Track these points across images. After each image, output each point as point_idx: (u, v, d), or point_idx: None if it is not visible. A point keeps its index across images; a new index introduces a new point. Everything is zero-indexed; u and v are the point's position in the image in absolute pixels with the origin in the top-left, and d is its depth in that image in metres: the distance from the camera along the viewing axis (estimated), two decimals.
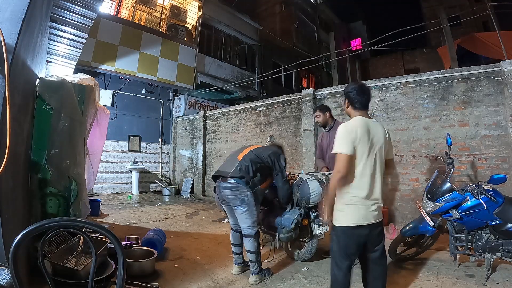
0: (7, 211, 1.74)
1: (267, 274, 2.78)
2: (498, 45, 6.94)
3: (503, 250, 2.51)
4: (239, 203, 2.62)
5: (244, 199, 2.61)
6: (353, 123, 1.87)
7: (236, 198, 2.63)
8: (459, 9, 13.90)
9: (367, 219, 1.81)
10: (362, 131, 1.82)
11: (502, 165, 3.99)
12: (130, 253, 2.93)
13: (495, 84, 4.13)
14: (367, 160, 1.81)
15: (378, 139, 1.87)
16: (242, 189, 2.62)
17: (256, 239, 2.69)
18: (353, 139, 1.79)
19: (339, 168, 1.77)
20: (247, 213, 2.64)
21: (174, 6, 9.67)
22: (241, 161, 2.71)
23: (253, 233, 2.67)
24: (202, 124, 8.69)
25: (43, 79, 2.95)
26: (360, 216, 1.80)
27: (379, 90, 5.03)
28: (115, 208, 6.38)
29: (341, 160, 1.77)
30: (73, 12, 3.50)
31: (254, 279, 2.66)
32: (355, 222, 1.80)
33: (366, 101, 1.96)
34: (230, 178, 2.66)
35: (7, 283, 1.39)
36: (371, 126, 1.89)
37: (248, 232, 2.67)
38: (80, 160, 3.17)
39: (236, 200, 2.63)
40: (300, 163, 6.02)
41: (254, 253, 2.66)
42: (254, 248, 2.67)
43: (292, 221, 2.86)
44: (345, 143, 1.79)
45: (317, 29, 18.23)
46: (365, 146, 1.81)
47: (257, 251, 2.68)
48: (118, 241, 1.09)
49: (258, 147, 2.95)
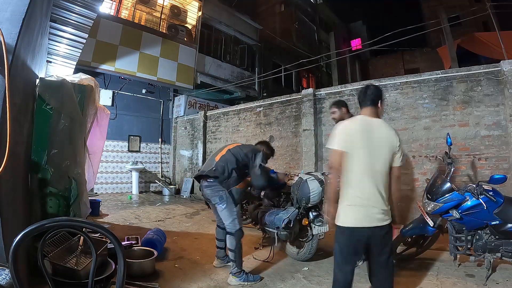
0: (7, 211, 1.74)
1: (251, 279, 2.63)
2: (498, 45, 6.94)
3: (503, 250, 2.51)
4: (218, 200, 2.69)
5: (222, 196, 2.67)
6: (348, 121, 1.91)
7: (215, 195, 2.70)
8: (459, 9, 13.88)
9: (368, 221, 1.77)
10: (356, 128, 1.84)
11: (502, 165, 3.99)
12: (130, 253, 2.93)
13: (495, 84, 4.13)
14: (365, 159, 1.79)
15: (381, 139, 1.83)
16: (218, 187, 2.70)
17: (236, 237, 2.66)
18: (345, 136, 1.83)
19: (330, 163, 1.88)
20: (226, 210, 2.68)
21: (174, 6, 9.67)
22: (217, 161, 2.78)
23: (234, 230, 2.67)
24: (202, 124, 8.69)
25: (43, 79, 2.95)
26: (359, 218, 1.77)
27: None
28: (115, 208, 6.38)
29: (332, 155, 1.86)
30: (73, 12, 3.50)
31: (232, 281, 2.61)
32: (354, 223, 1.78)
33: (367, 98, 1.92)
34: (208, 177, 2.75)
35: (7, 283, 1.39)
36: (374, 125, 1.85)
37: (229, 230, 2.69)
38: (80, 160, 3.17)
39: (215, 198, 2.70)
40: (300, 163, 6.02)
41: (233, 251, 2.65)
42: (233, 246, 2.65)
43: (282, 220, 2.91)
44: (336, 139, 1.85)
45: (317, 29, 18.24)
46: (361, 144, 1.79)
47: (236, 250, 2.65)
48: (118, 241, 1.09)
49: (237, 145, 2.97)
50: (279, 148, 6.46)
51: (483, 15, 8.08)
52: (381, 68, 19.91)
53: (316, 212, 3.05)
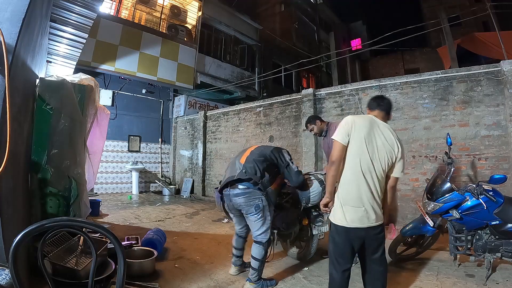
0: (7, 211, 1.74)
1: (269, 284, 2.55)
2: (498, 45, 6.94)
3: (503, 250, 2.52)
4: (254, 210, 2.46)
5: (259, 205, 2.45)
6: (355, 116, 1.92)
7: (250, 205, 2.46)
8: (459, 9, 13.90)
9: (362, 222, 1.79)
10: (360, 124, 1.84)
11: (502, 165, 3.99)
12: (130, 253, 2.93)
13: (495, 84, 4.13)
14: (365, 156, 1.80)
15: (384, 143, 1.84)
16: (255, 193, 2.46)
17: (265, 247, 2.51)
18: (348, 129, 1.84)
19: (332, 155, 1.86)
20: (261, 220, 2.48)
21: (174, 6, 9.67)
22: (244, 163, 2.55)
23: (265, 240, 2.50)
24: (202, 124, 8.69)
25: (43, 79, 2.94)
26: (354, 219, 1.79)
27: (379, 90, 5.03)
28: (115, 208, 6.38)
29: (335, 148, 1.85)
30: (73, 12, 3.50)
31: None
32: (349, 224, 1.80)
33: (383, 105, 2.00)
34: (239, 183, 2.51)
35: (7, 283, 1.39)
36: (378, 126, 1.88)
37: (260, 239, 2.51)
38: (80, 160, 3.17)
39: (250, 207, 2.46)
40: (300, 163, 6.02)
41: (258, 261, 2.49)
42: (261, 256, 2.49)
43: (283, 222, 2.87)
44: (340, 132, 1.86)
45: (317, 29, 18.24)
46: (361, 141, 1.81)
47: (262, 260, 2.51)
48: (118, 241, 1.09)
49: (258, 146, 2.83)
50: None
51: (483, 15, 8.08)
52: (381, 68, 19.92)
53: (316, 212, 3.05)
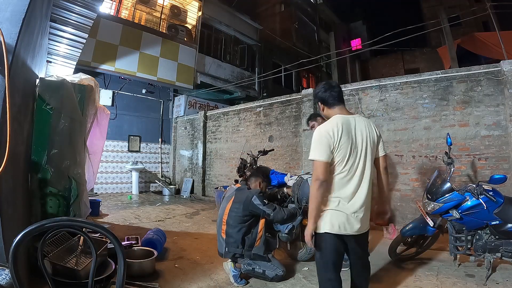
0: (7, 211, 1.74)
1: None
2: (498, 45, 6.94)
3: (503, 250, 2.52)
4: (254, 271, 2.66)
5: (254, 268, 2.64)
6: (328, 125, 1.69)
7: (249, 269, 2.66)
8: (459, 9, 13.90)
9: (351, 228, 1.68)
10: (340, 131, 1.65)
11: (502, 165, 3.99)
12: (130, 253, 2.93)
13: (495, 84, 4.13)
14: (350, 161, 1.67)
15: (363, 137, 1.72)
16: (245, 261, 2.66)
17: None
18: (329, 143, 1.64)
19: (317, 175, 1.63)
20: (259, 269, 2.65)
21: (174, 6, 9.68)
22: (225, 239, 2.72)
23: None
24: (202, 124, 8.69)
25: (43, 79, 2.95)
26: (341, 224, 1.67)
27: (379, 90, 5.03)
28: (115, 208, 6.38)
29: (318, 168, 1.63)
30: (73, 12, 3.50)
31: None
32: (336, 230, 1.67)
33: (337, 94, 1.80)
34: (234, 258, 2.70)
35: (7, 283, 1.39)
36: (352, 123, 1.72)
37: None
38: (80, 160, 3.17)
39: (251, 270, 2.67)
40: (300, 163, 6.02)
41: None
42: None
43: (286, 226, 2.92)
44: (319, 149, 1.65)
45: (317, 29, 18.24)
46: (346, 148, 1.66)
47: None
48: (118, 241, 1.09)
49: (231, 205, 2.78)
50: (279, 148, 6.46)
51: (483, 15, 8.09)
52: (381, 68, 19.92)
53: None
